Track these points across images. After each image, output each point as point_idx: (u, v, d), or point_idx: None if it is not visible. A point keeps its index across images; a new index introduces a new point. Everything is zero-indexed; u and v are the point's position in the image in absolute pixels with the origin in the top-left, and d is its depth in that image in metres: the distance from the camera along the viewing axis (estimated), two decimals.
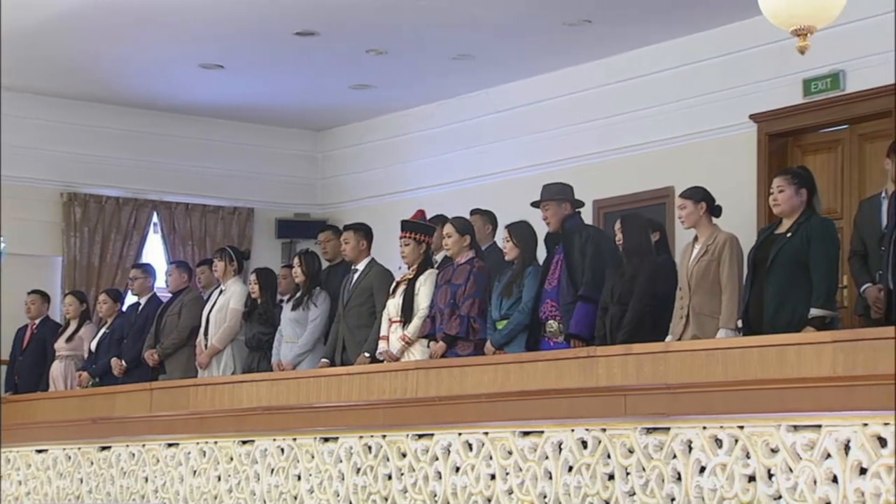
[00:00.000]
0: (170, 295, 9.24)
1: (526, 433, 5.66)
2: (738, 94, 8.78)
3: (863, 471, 4.51)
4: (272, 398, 6.98)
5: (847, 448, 4.57)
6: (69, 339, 9.61)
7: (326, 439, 6.59)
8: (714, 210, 6.56)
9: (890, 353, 4.47)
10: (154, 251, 11.39)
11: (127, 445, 7.77)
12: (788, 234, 6.05)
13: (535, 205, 7.33)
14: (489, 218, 8.06)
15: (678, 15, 8.63)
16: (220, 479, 7.14)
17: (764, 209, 7.86)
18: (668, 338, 6.46)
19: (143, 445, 7.66)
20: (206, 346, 8.64)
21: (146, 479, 7.60)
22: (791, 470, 4.70)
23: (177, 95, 10.70)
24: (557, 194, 7.25)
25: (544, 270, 7.16)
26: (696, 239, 6.57)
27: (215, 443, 7.18)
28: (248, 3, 8.53)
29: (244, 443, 7.04)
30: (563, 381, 5.58)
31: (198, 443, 7.30)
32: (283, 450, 6.80)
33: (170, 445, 7.49)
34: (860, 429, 4.52)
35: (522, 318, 7.08)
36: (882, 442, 4.48)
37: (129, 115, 11.04)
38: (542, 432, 5.59)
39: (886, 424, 4.46)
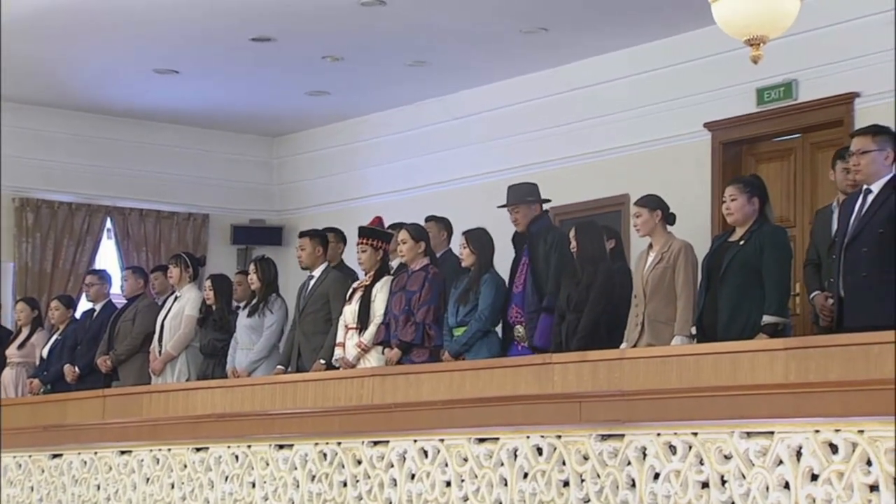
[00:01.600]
0: (125, 301, 9.18)
1: (481, 440, 5.67)
2: (693, 103, 8.85)
3: (814, 477, 4.56)
4: (227, 405, 6.94)
5: (799, 454, 4.61)
6: (21, 346, 9.52)
7: (281, 446, 6.56)
8: (669, 218, 6.60)
9: (840, 359, 4.52)
10: (107, 257, 11.30)
11: (79, 453, 7.70)
12: (741, 242, 6.10)
13: (505, 206, 7.35)
14: (444, 225, 8.07)
15: (634, 24, 8.68)
16: (173, 486, 7.09)
17: (718, 217, 7.92)
18: (624, 345, 6.49)
19: (96, 453, 7.59)
20: (160, 352, 8.60)
21: (98, 487, 7.54)
22: (744, 476, 4.74)
23: (131, 100, 10.63)
24: (527, 195, 7.28)
25: (511, 273, 7.18)
26: (650, 247, 6.61)
27: (169, 450, 7.14)
28: (204, 9, 8.49)
29: (198, 450, 7.00)
30: (518, 388, 5.59)
31: (151, 450, 7.25)
32: (237, 457, 6.77)
33: (123, 453, 7.44)
34: (812, 435, 4.56)
35: (479, 326, 7.09)
36: (833, 448, 4.52)
37: (83, 120, 10.96)
38: (498, 439, 5.60)
39: (837, 431, 4.50)
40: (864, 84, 7.97)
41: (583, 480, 5.24)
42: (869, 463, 4.43)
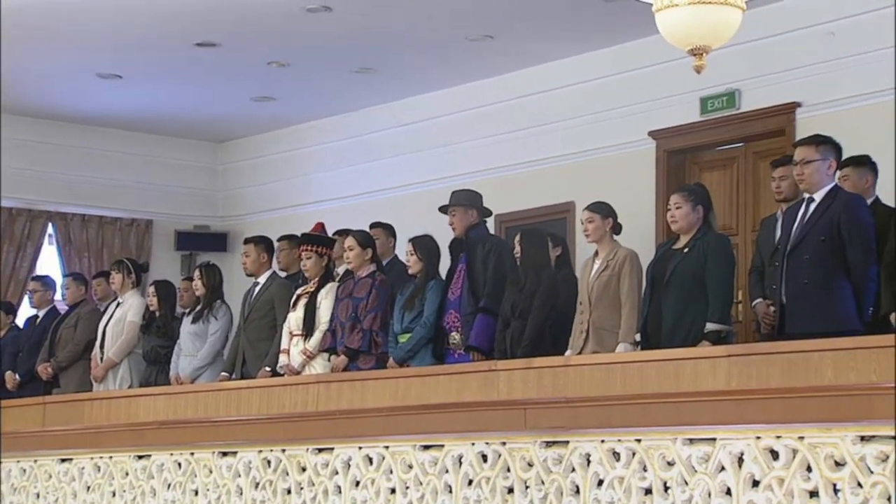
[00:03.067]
0: (67, 307, 9.09)
1: (426, 447, 5.66)
2: (638, 111, 8.91)
3: (755, 483, 4.60)
4: (170, 412, 6.89)
5: (741, 461, 4.65)
6: None
7: (225, 453, 6.52)
8: (616, 227, 6.65)
9: (781, 366, 4.56)
10: (49, 263, 11.18)
11: (18, 461, 7.61)
12: (686, 250, 6.15)
13: (443, 210, 7.36)
14: (390, 231, 8.06)
15: (579, 32, 8.73)
16: (115, 494, 7.02)
17: (663, 224, 7.98)
18: (569, 352, 6.52)
19: (35, 461, 7.50)
20: (101, 359, 8.52)
21: (38, 496, 7.45)
22: (686, 483, 4.77)
23: (74, 105, 10.52)
24: (465, 200, 7.29)
25: (448, 279, 7.18)
26: (596, 254, 6.64)
27: (110, 458, 7.07)
28: (148, 13, 8.43)
29: (140, 457, 6.94)
30: (463, 394, 5.59)
31: (92, 458, 7.17)
32: (180, 464, 6.72)
33: (63, 461, 7.35)
34: (753, 442, 4.60)
35: (425, 333, 7.09)
36: (774, 455, 4.57)
37: (24, 124, 10.82)
38: (443, 446, 5.60)
39: (778, 437, 4.54)
40: (806, 94, 8.07)
41: (527, 487, 5.25)
42: (809, 469, 4.48)
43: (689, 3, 4.74)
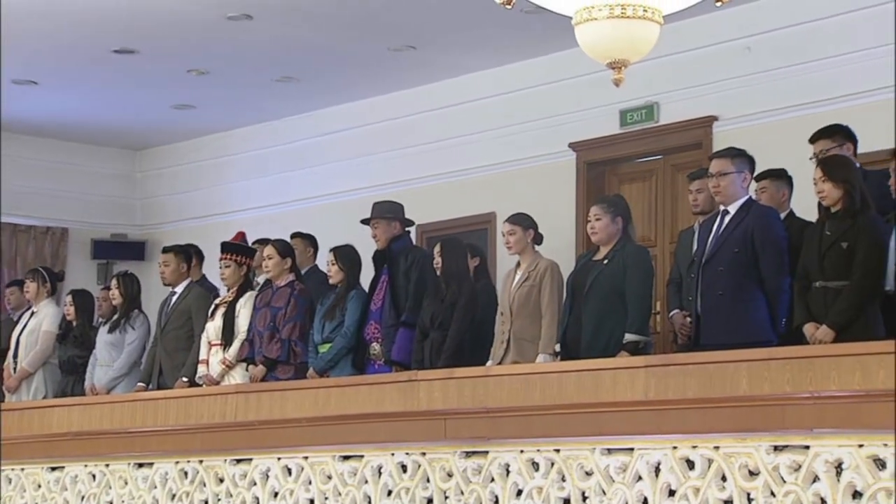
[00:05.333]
0: None
1: (346, 457, 5.65)
2: (558, 123, 8.98)
3: (672, 492, 4.64)
4: (85, 423, 6.79)
5: (657, 470, 4.69)
6: None
7: (141, 465, 6.45)
8: (538, 238, 6.68)
9: (697, 377, 4.62)
10: None
11: None
12: (605, 261, 6.20)
13: (364, 222, 7.35)
14: (311, 241, 8.03)
15: (500, 44, 8.78)
16: None
17: (583, 236, 8.04)
18: (489, 362, 6.54)
19: None
20: (14, 369, 8.38)
21: None
22: (604, 492, 4.80)
23: None
24: (387, 212, 7.29)
25: (370, 290, 7.17)
26: (518, 265, 6.67)
27: (22, 469, 6.95)
28: (64, 18, 8.31)
29: (53, 469, 6.83)
30: (384, 405, 5.58)
31: (3, 469, 7.04)
32: (94, 476, 6.63)
33: None
34: (670, 451, 4.65)
35: (345, 343, 7.07)
36: (690, 464, 4.62)
37: None
38: (363, 456, 5.58)
39: (694, 447, 4.60)
40: (723, 108, 8.20)
41: (447, 497, 5.25)
42: (724, 479, 4.53)
43: (608, 17, 4.79)
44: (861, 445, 4.25)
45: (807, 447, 4.36)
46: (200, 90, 9.83)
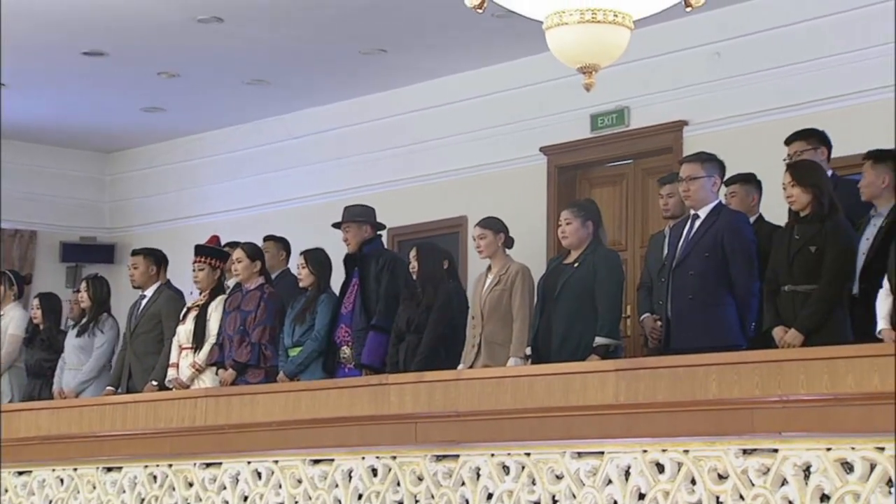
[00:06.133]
0: None
1: (316, 461, 5.64)
2: (530, 127, 8.99)
3: (642, 496, 4.66)
4: (52, 427, 6.75)
5: (627, 474, 4.71)
6: None
7: (109, 469, 6.41)
8: (508, 241, 6.70)
9: (667, 381, 4.64)
10: None
11: None
12: (576, 265, 6.21)
13: (336, 225, 7.34)
14: (282, 244, 8.01)
15: (472, 48, 8.79)
16: None
17: (553, 239, 8.05)
18: (461, 366, 6.54)
19: None
20: None
21: None
22: (574, 496, 4.81)
23: None
24: (358, 216, 7.28)
25: (341, 293, 7.16)
26: (489, 269, 6.68)
27: None
28: (32, 20, 8.25)
29: (20, 473, 6.78)
30: (354, 408, 5.58)
31: None
32: (62, 480, 6.59)
33: None
34: (640, 455, 4.67)
35: (316, 346, 7.06)
36: (660, 468, 4.64)
37: None
38: (333, 460, 5.58)
39: (664, 451, 4.61)
40: (693, 113, 8.23)
41: (417, 501, 5.25)
42: (693, 482, 4.55)
43: (579, 21, 4.79)
44: (829, 449, 4.28)
45: (775, 451, 4.39)
46: (170, 93, 9.79)
